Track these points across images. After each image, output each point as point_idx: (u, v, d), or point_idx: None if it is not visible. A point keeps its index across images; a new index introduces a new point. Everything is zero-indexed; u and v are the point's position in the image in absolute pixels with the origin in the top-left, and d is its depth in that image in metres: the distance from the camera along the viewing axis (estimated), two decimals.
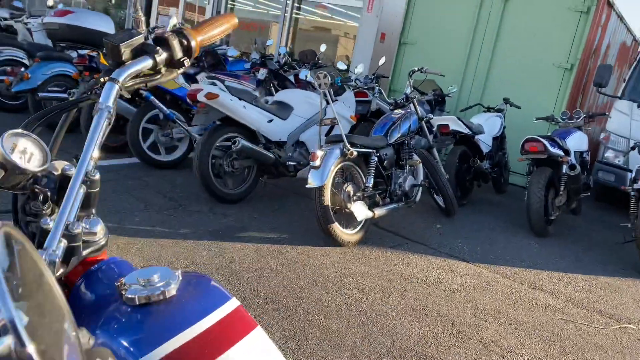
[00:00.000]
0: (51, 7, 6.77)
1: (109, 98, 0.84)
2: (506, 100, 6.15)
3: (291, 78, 6.17)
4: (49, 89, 5.50)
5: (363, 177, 3.86)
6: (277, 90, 5.61)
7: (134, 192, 4.21)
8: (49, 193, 0.76)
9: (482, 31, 7.05)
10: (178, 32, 1.00)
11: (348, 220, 3.82)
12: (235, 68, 7.11)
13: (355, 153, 3.65)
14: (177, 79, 4.95)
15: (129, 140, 4.79)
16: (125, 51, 0.92)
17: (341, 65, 6.66)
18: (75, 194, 0.74)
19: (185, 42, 0.99)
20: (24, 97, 5.88)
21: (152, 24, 12.21)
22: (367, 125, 5.53)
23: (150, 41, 0.97)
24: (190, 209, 4.03)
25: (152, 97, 4.72)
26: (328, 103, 3.69)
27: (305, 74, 5.70)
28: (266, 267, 3.23)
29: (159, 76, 0.98)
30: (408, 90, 4.61)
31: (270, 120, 4.38)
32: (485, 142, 5.52)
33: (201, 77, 4.30)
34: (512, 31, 6.83)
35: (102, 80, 0.90)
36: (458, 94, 7.05)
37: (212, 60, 6.10)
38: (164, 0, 12.20)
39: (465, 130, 5.15)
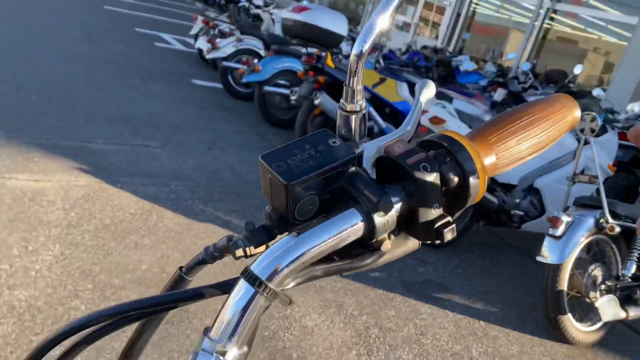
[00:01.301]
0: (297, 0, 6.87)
1: None
2: None
3: None
4: (276, 82, 5.49)
5: (619, 260, 2.87)
6: None
7: None
8: None
9: None
10: (439, 142, 0.44)
11: (585, 310, 2.88)
12: (467, 80, 6.34)
13: (617, 229, 2.69)
14: (401, 92, 4.44)
15: None
16: (303, 198, 0.41)
17: (598, 93, 5.43)
18: None
19: (454, 174, 0.43)
20: (253, 87, 6.01)
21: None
22: (624, 177, 4.34)
23: (367, 167, 0.44)
24: None
25: (370, 108, 4.29)
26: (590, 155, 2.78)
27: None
28: (465, 354, 2.53)
29: (368, 260, 0.44)
30: None
31: None
32: None
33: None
34: None
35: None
36: None
37: (443, 72, 5.45)
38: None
39: None
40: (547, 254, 2.67)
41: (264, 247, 0.42)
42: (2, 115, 4.00)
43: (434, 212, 0.42)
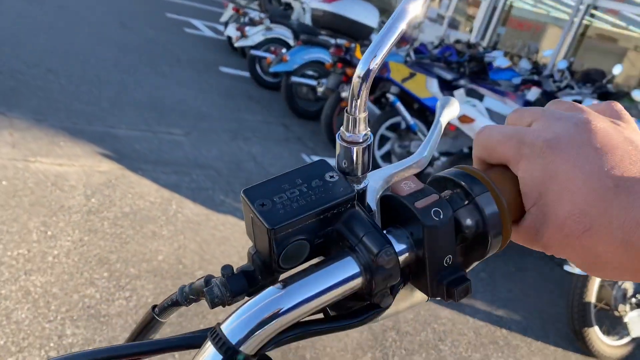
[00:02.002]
0: None
1: None
2: None
3: None
4: (303, 73, 5.42)
5: None
6: None
7: None
8: None
9: None
10: (455, 181, 0.38)
11: (613, 324, 2.76)
12: (500, 77, 6.16)
13: None
14: (430, 86, 4.32)
15: None
16: (290, 244, 0.35)
17: (637, 95, 5.20)
18: None
19: (472, 220, 0.38)
20: (280, 77, 5.96)
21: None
22: None
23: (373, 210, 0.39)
24: None
25: (398, 103, 4.20)
26: None
27: (589, 104, 4.50)
28: None
29: (366, 316, 0.38)
30: None
31: None
32: None
33: (460, 92, 3.60)
34: None
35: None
36: None
37: (475, 67, 5.29)
38: None
39: None
40: None
41: (244, 295, 0.36)
42: (31, 98, 4.03)
43: (447, 265, 0.36)
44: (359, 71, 0.33)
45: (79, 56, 5.48)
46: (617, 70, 5.54)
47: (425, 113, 4.37)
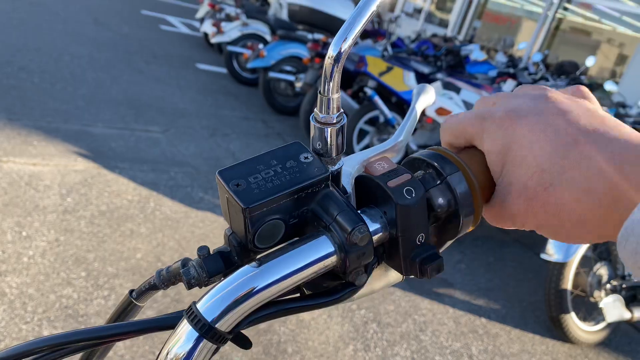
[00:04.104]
0: None
1: None
2: None
3: None
4: (281, 68, 5.40)
5: None
6: None
7: None
8: None
9: None
10: (428, 161, 0.39)
11: (589, 310, 2.82)
12: (476, 70, 6.22)
13: None
14: (407, 80, 4.35)
15: None
16: (264, 223, 0.36)
17: (610, 87, 5.30)
18: None
19: (444, 199, 0.38)
20: (258, 73, 5.93)
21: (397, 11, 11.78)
22: None
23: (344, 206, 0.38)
24: None
25: (376, 97, 4.21)
26: None
27: None
28: (465, 352, 2.47)
29: (341, 294, 0.38)
30: None
31: None
32: None
33: (437, 85, 3.62)
34: None
35: None
36: None
37: (452, 61, 5.33)
38: None
39: None
40: (552, 251, 2.60)
41: (221, 276, 0.36)
42: (3, 97, 3.95)
43: (419, 244, 0.36)
44: (331, 52, 0.34)
45: (52, 54, 5.38)
46: (590, 62, 5.64)
47: (403, 106, 4.40)
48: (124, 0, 10.17)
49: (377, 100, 4.21)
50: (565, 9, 8.58)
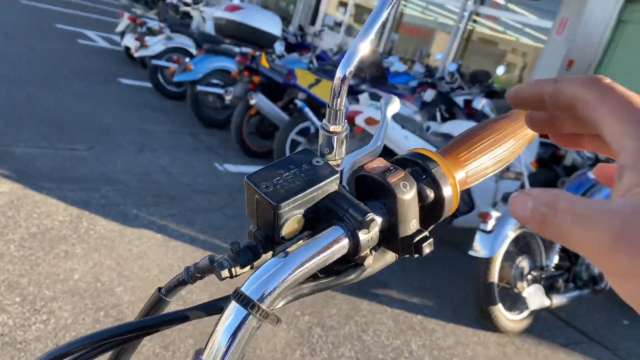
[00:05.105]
0: None
1: None
2: None
3: (460, 102, 5.41)
4: (209, 82, 5.39)
5: (543, 252, 3.05)
6: (442, 116, 4.91)
7: None
8: None
9: None
10: (413, 160, 0.47)
11: (513, 300, 3.05)
12: (398, 81, 6.51)
13: None
14: None
15: (275, 150, 4.45)
16: (290, 218, 0.42)
17: None
18: None
19: (430, 190, 0.45)
20: (184, 86, 5.88)
21: (318, 26, 12.05)
22: (544, 173, 4.62)
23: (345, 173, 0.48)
24: None
25: (306, 109, 4.32)
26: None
27: (480, 103, 4.90)
28: (405, 349, 2.60)
29: (352, 275, 0.45)
30: None
31: None
32: None
33: (365, 96, 3.79)
34: None
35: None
36: None
37: (375, 73, 5.55)
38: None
39: None
40: (479, 248, 2.80)
41: (249, 267, 0.43)
42: None
43: (413, 228, 0.44)
44: (339, 74, 0.42)
45: None
46: (500, 71, 6.08)
47: None
48: (36, 13, 9.70)
49: (308, 111, 4.32)
50: (475, 21, 9.16)
